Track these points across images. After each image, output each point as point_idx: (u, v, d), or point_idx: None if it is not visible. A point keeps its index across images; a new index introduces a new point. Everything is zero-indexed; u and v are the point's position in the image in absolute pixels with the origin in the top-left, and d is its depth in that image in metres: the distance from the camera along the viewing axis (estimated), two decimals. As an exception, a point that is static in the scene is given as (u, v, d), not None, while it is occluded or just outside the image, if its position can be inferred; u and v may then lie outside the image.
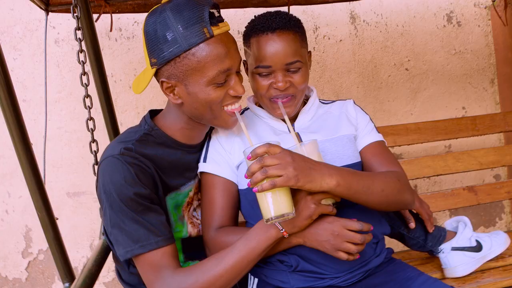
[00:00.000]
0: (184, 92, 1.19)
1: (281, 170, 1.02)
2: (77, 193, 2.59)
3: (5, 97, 1.45)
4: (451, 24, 2.92)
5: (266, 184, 1.02)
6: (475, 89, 2.98)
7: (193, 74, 1.16)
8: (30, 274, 2.59)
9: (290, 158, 1.04)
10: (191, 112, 1.24)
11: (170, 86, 1.19)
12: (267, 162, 1.02)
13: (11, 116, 1.55)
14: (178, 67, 1.15)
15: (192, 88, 1.18)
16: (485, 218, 2.99)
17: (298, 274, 1.20)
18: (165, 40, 1.13)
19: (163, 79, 1.19)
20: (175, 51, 1.13)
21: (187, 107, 1.22)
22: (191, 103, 1.21)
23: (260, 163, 1.03)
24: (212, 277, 1.12)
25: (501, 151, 2.18)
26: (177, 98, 1.21)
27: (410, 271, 1.25)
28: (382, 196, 1.17)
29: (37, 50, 2.54)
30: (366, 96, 2.86)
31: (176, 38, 1.12)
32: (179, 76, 1.17)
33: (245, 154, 1.09)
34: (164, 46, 1.13)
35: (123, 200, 1.13)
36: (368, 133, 1.38)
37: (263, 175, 1.02)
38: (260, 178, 1.02)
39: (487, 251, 1.60)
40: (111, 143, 1.26)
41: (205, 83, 1.17)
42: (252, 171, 1.03)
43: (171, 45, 1.13)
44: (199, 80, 1.16)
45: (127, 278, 1.33)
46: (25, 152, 1.60)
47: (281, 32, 1.23)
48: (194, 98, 1.19)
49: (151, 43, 1.16)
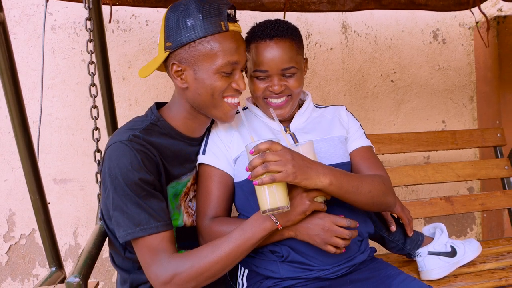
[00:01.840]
0: (191, 77, 1.27)
1: (281, 167, 1.10)
2: (64, 180, 2.59)
3: (9, 83, 1.48)
4: (437, 41, 3.05)
5: (266, 178, 1.10)
6: (455, 105, 3.11)
7: (203, 60, 1.24)
8: (11, 259, 2.57)
9: (290, 156, 1.12)
10: (194, 98, 1.30)
11: (180, 70, 1.27)
12: (268, 158, 1.10)
13: (13, 100, 1.58)
14: (192, 52, 1.24)
15: (200, 74, 1.26)
16: (457, 228, 3.12)
17: (288, 264, 1.27)
18: (184, 25, 1.23)
19: (174, 61, 1.27)
20: (192, 36, 1.23)
21: (191, 92, 1.29)
22: (195, 89, 1.28)
23: (262, 158, 1.10)
24: (207, 263, 1.17)
25: (477, 165, 2.31)
26: (184, 83, 1.28)
27: (391, 270, 1.34)
28: (369, 197, 1.26)
29: (33, 35, 2.53)
30: (352, 104, 2.95)
31: (195, 25, 1.22)
32: (190, 61, 1.25)
33: (247, 149, 1.15)
34: (182, 31, 1.23)
35: (128, 184, 1.17)
36: (358, 137, 1.47)
37: (264, 170, 1.09)
38: (261, 172, 1.10)
39: (460, 257, 1.70)
40: (119, 129, 1.30)
41: (213, 70, 1.25)
42: (254, 165, 1.11)
43: (189, 31, 1.22)
44: (208, 67, 1.25)
45: (121, 263, 1.37)
46: (23, 136, 1.64)
47: (279, 40, 1.32)
48: (200, 84, 1.27)
49: (170, 28, 1.25)
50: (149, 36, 2.64)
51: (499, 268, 1.79)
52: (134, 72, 2.66)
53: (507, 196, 2.27)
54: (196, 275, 1.18)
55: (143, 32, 2.65)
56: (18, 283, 2.59)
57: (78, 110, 2.61)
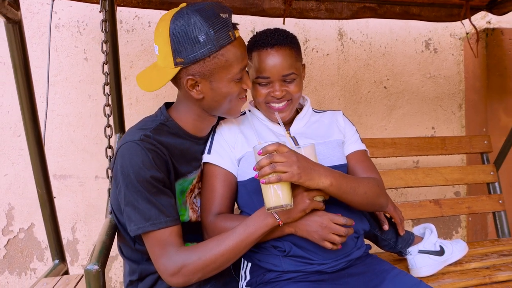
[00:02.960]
0: (207, 88, 1.32)
1: (287, 167, 1.18)
2: (63, 175, 2.64)
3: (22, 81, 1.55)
4: (429, 50, 3.16)
5: (273, 178, 1.18)
6: (444, 112, 3.22)
7: (219, 72, 1.29)
8: (9, 252, 2.61)
9: (295, 157, 1.20)
10: (209, 105, 1.37)
11: (195, 82, 1.31)
12: (276, 159, 1.18)
13: (25, 98, 1.65)
14: (207, 66, 1.28)
15: (217, 84, 1.31)
16: (444, 231, 3.23)
17: (290, 258, 1.35)
18: (196, 41, 1.24)
19: (189, 77, 1.30)
20: (206, 52, 1.25)
21: (208, 100, 1.35)
22: (213, 97, 1.34)
23: (269, 159, 1.18)
24: (213, 255, 1.25)
25: (464, 170, 2.41)
26: (200, 94, 1.33)
27: (386, 265, 1.42)
28: (364, 198, 1.35)
29: (36, 33, 2.58)
30: (346, 108, 3.04)
31: (208, 40, 1.24)
32: (206, 74, 1.29)
33: (255, 150, 1.23)
34: (195, 47, 1.24)
35: (139, 181, 1.23)
36: (354, 142, 1.56)
37: (271, 170, 1.17)
38: (268, 171, 1.18)
39: (448, 255, 1.80)
40: (131, 129, 1.36)
41: (229, 79, 1.32)
42: (262, 165, 1.19)
43: (203, 47, 1.24)
44: (224, 77, 1.31)
45: (130, 255, 1.43)
46: (33, 133, 1.70)
47: (279, 48, 1.40)
48: (217, 92, 1.33)
49: (179, 45, 1.25)
50: (151, 37, 2.70)
51: (484, 267, 1.88)
52: (135, 71, 2.71)
53: (492, 201, 2.38)
54: (202, 266, 1.25)
55: (145, 33, 2.71)
56: (15, 276, 2.62)
57: (80, 108, 2.65)
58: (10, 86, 2.58)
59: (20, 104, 1.65)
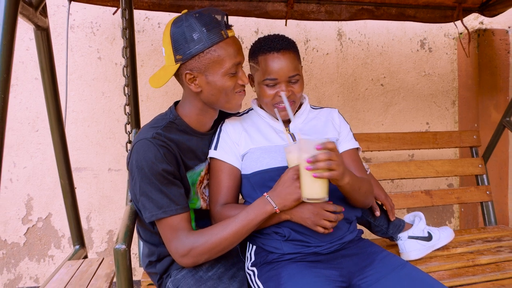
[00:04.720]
0: (204, 82, 1.48)
1: (338, 167, 1.33)
2: (78, 168, 2.80)
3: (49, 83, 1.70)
4: (424, 49, 3.29)
5: (326, 174, 1.32)
6: (438, 108, 3.36)
7: (213, 66, 1.45)
8: (28, 240, 2.78)
9: (341, 158, 1.36)
10: (208, 98, 1.52)
11: (193, 77, 1.48)
12: (333, 157, 1.32)
13: (51, 98, 1.80)
14: (202, 61, 1.44)
15: (212, 78, 1.47)
16: (437, 221, 3.39)
17: (290, 242, 1.51)
18: (191, 39, 1.42)
19: (187, 71, 1.47)
20: (200, 47, 1.42)
21: (205, 94, 1.51)
22: (209, 90, 1.50)
23: (328, 155, 1.31)
24: (218, 239, 1.41)
25: (455, 163, 2.57)
26: (198, 87, 1.49)
27: (376, 247, 1.58)
28: (364, 197, 1.53)
29: (52, 34, 2.70)
30: (344, 105, 3.19)
31: (201, 38, 1.42)
32: (201, 68, 1.45)
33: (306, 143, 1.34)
34: (190, 44, 1.42)
35: (153, 174, 1.40)
36: (348, 140, 1.71)
37: (327, 166, 1.31)
38: (322, 166, 1.31)
39: (436, 241, 1.96)
40: (144, 127, 1.52)
41: (222, 73, 1.47)
42: (319, 159, 1.31)
43: (197, 43, 1.42)
44: (217, 71, 1.46)
45: (148, 238, 1.59)
46: (58, 129, 1.86)
47: (285, 52, 1.55)
48: (213, 86, 1.48)
49: (178, 43, 1.44)
50: (161, 37, 2.85)
51: (468, 252, 2.04)
52: (146, 70, 2.87)
53: (480, 191, 2.54)
54: (209, 249, 1.41)
55: (155, 33, 2.86)
56: (34, 262, 2.80)
57: (93, 104, 2.82)
58: (28, 84, 2.75)
59: (46, 103, 1.80)
